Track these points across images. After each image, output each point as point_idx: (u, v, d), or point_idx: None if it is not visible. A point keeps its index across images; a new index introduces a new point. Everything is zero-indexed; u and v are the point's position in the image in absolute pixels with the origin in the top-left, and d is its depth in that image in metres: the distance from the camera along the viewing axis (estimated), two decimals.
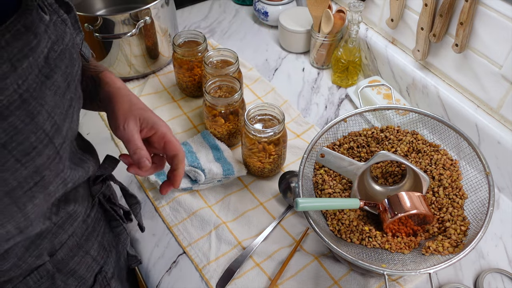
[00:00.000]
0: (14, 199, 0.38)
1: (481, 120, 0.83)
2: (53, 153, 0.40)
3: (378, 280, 0.72)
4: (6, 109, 0.34)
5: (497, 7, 0.74)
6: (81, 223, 0.56)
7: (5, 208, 0.38)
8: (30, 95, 0.36)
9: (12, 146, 0.36)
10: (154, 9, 0.97)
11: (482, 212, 0.66)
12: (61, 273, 0.55)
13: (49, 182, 0.41)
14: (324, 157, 0.70)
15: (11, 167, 0.36)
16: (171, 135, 0.61)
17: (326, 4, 1.03)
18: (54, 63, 0.39)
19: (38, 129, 0.38)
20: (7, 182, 0.37)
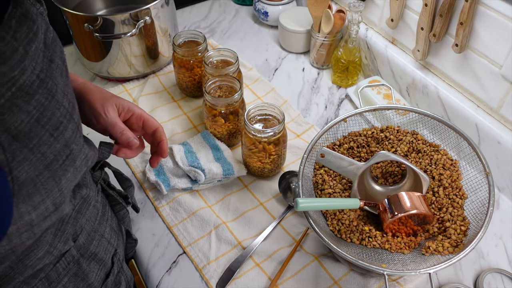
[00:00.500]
0: (52, 172, 0.41)
1: (481, 120, 0.83)
2: (75, 128, 0.44)
3: (378, 280, 0.72)
4: (30, 88, 0.37)
5: (497, 7, 0.74)
6: (93, 208, 0.59)
7: (46, 181, 0.41)
8: (45, 75, 0.39)
9: (44, 121, 0.39)
10: (154, 9, 0.97)
11: (482, 212, 0.66)
12: (84, 257, 0.58)
13: (76, 156, 0.45)
14: (324, 157, 0.70)
15: (47, 141, 0.40)
16: (146, 114, 0.68)
17: (326, 4, 1.03)
18: (52, 48, 0.42)
19: (60, 105, 0.41)
20: (45, 156, 0.40)
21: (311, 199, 0.67)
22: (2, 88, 0.34)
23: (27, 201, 0.39)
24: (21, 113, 0.37)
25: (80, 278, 0.57)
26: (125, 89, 1.05)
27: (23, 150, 0.37)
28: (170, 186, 0.82)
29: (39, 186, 0.40)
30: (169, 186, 0.82)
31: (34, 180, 0.39)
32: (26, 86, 0.37)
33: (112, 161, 0.70)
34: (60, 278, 0.54)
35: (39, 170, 0.39)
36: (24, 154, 0.37)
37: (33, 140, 0.38)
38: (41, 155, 0.39)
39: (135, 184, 0.86)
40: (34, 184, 0.39)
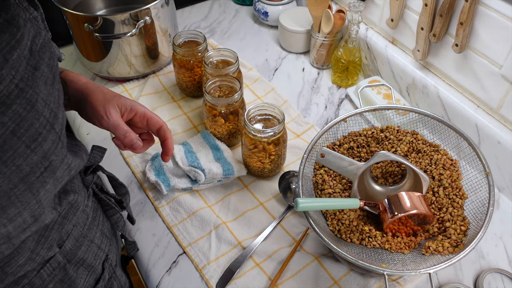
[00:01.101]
0: (28, 184, 0.40)
1: (481, 120, 0.83)
2: (55, 138, 0.43)
3: (378, 280, 0.72)
4: (7, 98, 0.36)
5: (497, 7, 0.74)
6: (81, 213, 0.58)
7: (21, 194, 0.40)
8: (25, 84, 0.38)
9: (20, 133, 0.38)
10: (154, 9, 0.97)
11: (482, 212, 0.66)
12: (71, 263, 0.56)
13: (56, 167, 0.44)
14: (324, 157, 0.70)
15: (22, 153, 0.38)
16: (150, 112, 0.66)
17: (326, 4, 1.03)
18: (39, 55, 0.41)
19: (39, 115, 0.40)
20: (20, 168, 0.39)
21: (311, 199, 0.67)
22: None
23: (1, 214, 0.39)
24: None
25: (66, 284, 0.56)
26: (125, 89, 1.05)
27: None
28: (170, 186, 0.82)
29: (13, 199, 0.39)
30: (169, 186, 0.82)
31: (8, 193, 0.38)
32: (3, 96, 0.36)
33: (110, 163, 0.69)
34: (44, 284, 0.53)
35: (13, 183, 0.38)
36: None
37: (7, 152, 0.37)
38: (16, 168, 0.38)
39: (135, 184, 0.86)
40: (8, 197, 0.38)
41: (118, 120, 0.62)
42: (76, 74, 0.64)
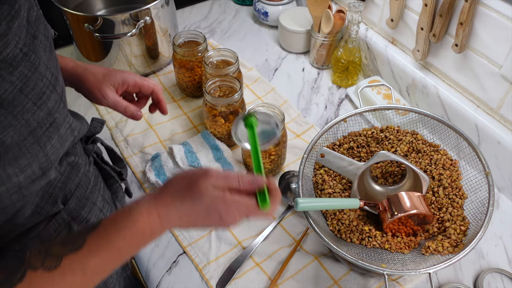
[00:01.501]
0: (36, 138, 0.45)
1: (481, 120, 0.83)
2: (58, 98, 0.47)
3: (378, 280, 0.72)
4: (13, 60, 0.41)
5: (497, 7, 0.74)
6: (84, 176, 0.61)
7: (31, 146, 0.44)
8: (28, 49, 0.43)
9: (27, 91, 0.42)
10: (154, 9, 0.97)
11: (482, 212, 0.66)
12: (76, 221, 0.60)
13: (59, 124, 0.49)
14: (324, 157, 0.70)
15: (30, 109, 0.43)
16: (140, 79, 0.71)
17: (326, 4, 1.03)
18: (35, 25, 0.45)
19: (42, 77, 0.45)
20: (29, 123, 0.43)
21: (311, 199, 0.67)
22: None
23: (14, 163, 0.43)
24: (5, 83, 0.40)
25: None
26: None
27: (7, 116, 0.41)
28: None
29: (24, 150, 0.44)
30: None
31: (19, 145, 0.43)
32: (10, 59, 0.40)
33: None
34: (51, 239, 0.56)
35: (23, 135, 0.43)
36: (9, 120, 0.41)
37: (17, 107, 0.42)
38: (25, 122, 0.43)
39: (135, 184, 0.86)
40: (19, 148, 0.43)
41: (115, 98, 0.68)
42: (61, 59, 0.66)
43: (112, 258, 0.46)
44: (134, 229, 0.47)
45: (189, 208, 0.49)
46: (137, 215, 0.47)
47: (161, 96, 0.74)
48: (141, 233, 0.47)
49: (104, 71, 0.69)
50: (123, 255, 0.47)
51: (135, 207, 0.48)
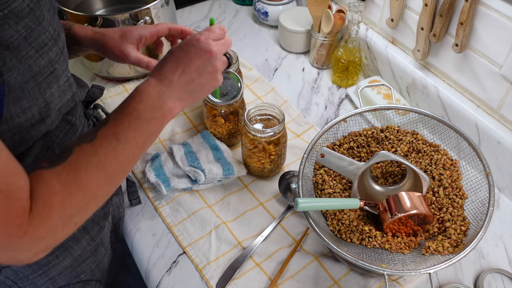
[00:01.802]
0: (37, 83, 0.50)
1: (481, 120, 0.83)
2: (59, 51, 0.52)
3: (378, 280, 0.72)
4: (20, 13, 0.46)
5: (497, 7, 0.74)
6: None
7: (32, 90, 0.49)
8: (34, 5, 0.48)
9: (31, 40, 0.48)
10: (154, 9, 0.97)
11: (482, 212, 0.66)
12: None
13: (59, 75, 0.54)
14: (324, 157, 0.70)
15: (33, 55, 0.48)
16: (154, 29, 0.76)
17: (326, 4, 1.03)
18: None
19: (45, 31, 0.50)
20: (31, 68, 0.48)
21: (311, 199, 0.67)
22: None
23: (16, 104, 0.48)
24: (11, 30, 0.45)
25: None
26: (125, 89, 1.05)
27: (12, 59, 0.46)
28: (170, 186, 0.82)
29: (26, 93, 0.49)
30: (169, 186, 0.82)
31: (22, 86, 0.48)
32: (17, 11, 0.45)
33: None
34: None
35: (26, 78, 0.48)
36: (14, 62, 0.46)
37: (21, 52, 0.47)
38: (28, 66, 0.48)
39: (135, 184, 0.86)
40: (22, 89, 0.48)
41: (136, 56, 0.73)
42: (80, 29, 0.74)
43: (134, 123, 0.54)
44: (141, 94, 0.56)
45: (182, 57, 0.59)
46: (139, 87, 0.57)
47: (178, 26, 0.77)
48: (149, 96, 0.56)
49: (120, 32, 0.74)
50: (141, 120, 0.54)
51: (136, 88, 0.57)
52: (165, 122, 0.58)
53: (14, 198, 0.43)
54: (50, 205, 0.46)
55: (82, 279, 0.71)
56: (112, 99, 1.02)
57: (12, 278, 0.63)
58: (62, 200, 0.47)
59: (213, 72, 0.60)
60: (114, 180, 0.53)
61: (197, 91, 0.61)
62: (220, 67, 0.61)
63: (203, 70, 0.59)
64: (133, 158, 0.55)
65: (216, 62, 0.60)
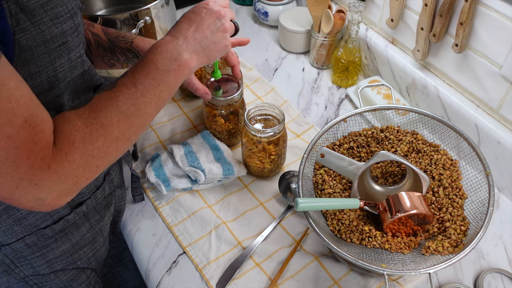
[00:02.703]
0: (48, 49, 0.50)
1: (481, 120, 0.83)
2: (73, 26, 0.53)
3: (378, 280, 0.72)
4: None
5: (497, 7, 0.74)
6: None
7: (42, 55, 0.50)
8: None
9: (47, 8, 0.48)
10: (154, 9, 0.97)
11: (482, 212, 0.66)
12: None
13: (71, 48, 0.54)
14: (324, 157, 0.70)
15: (46, 22, 0.49)
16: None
17: (326, 4, 1.03)
18: None
19: (63, 4, 0.51)
20: (44, 33, 0.49)
21: (311, 199, 0.67)
22: None
23: (25, 66, 0.48)
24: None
25: None
26: None
27: (26, 21, 0.46)
28: (170, 186, 0.82)
29: (35, 57, 0.49)
30: (169, 186, 0.82)
31: (32, 50, 0.48)
32: None
33: None
34: None
35: (37, 43, 0.48)
36: (26, 24, 0.46)
37: (35, 17, 0.47)
38: (40, 31, 0.48)
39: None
40: (32, 53, 0.48)
41: (196, 85, 0.74)
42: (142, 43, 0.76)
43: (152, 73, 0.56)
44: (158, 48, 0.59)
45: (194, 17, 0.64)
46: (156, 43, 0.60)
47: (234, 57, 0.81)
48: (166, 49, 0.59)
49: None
50: (158, 71, 0.57)
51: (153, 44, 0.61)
52: (182, 75, 0.61)
53: (38, 129, 0.44)
54: (73, 140, 0.47)
55: (78, 266, 0.72)
56: None
57: (10, 257, 0.64)
58: (83, 137, 0.48)
59: (224, 31, 0.66)
60: (134, 126, 0.54)
61: (211, 48, 0.65)
62: (229, 29, 0.67)
63: (214, 28, 0.65)
64: (151, 107, 0.56)
65: (225, 23, 0.67)
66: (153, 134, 0.95)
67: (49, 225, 0.64)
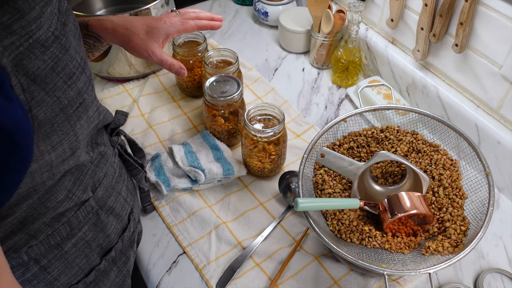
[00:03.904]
0: (67, 116, 0.47)
1: (481, 120, 0.83)
2: (86, 80, 0.50)
3: (378, 280, 0.72)
4: (45, 41, 0.43)
5: (497, 7, 0.74)
6: (110, 166, 0.64)
7: (62, 123, 0.47)
8: (59, 33, 0.46)
9: (58, 70, 0.45)
10: (154, 9, 0.97)
11: (482, 212, 0.66)
12: (103, 210, 0.62)
13: (88, 105, 0.51)
14: (324, 157, 0.70)
15: (61, 87, 0.45)
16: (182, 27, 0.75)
17: (326, 4, 1.03)
18: (66, 14, 0.48)
19: (72, 59, 0.47)
20: (60, 100, 0.45)
21: (311, 199, 0.67)
22: (21, 38, 0.40)
23: (46, 140, 0.45)
24: (38, 61, 0.42)
25: (99, 228, 0.62)
26: (125, 89, 1.05)
27: (40, 92, 0.43)
28: (170, 186, 0.82)
29: (56, 127, 0.46)
30: (169, 186, 0.82)
31: (51, 121, 0.45)
32: (42, 40, 0.43)
33: None
34: (80, 225, 0.59)
35: (55, 112, 0.45)
36: (41, 96, 0.43)
37: (49, 84, 0.44)
38: (57, 99, 0.45)
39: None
40: (51, 124, 0.45)
41: (161, 56, 0.71)
42: (98, 23, 0.70)
43: None
44: None
45: None
46: None
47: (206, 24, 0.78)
48: None
49: (146, 28, 0.71)
50: None
51: None
52: None
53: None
54: None
55: None
56: (112, 99, 1.02)
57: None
58: None
59: None
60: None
61: None
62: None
63: None
64: None
65: None
66: (153, 134, 0.95)
67: (81, 279, 0.62)
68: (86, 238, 0.60)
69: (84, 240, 0.60)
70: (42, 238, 0.55)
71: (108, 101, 1.02)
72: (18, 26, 0.40)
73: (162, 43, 0.72)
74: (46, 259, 0.56)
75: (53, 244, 0.56)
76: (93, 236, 0.61)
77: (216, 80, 0.86)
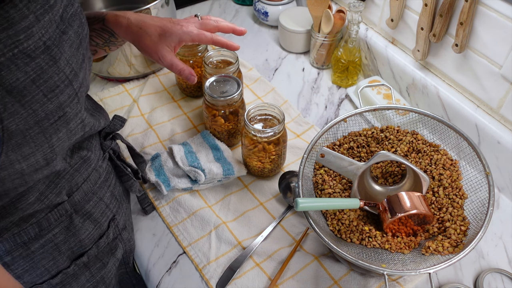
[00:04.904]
0: (42, 128, 0.46)
1: (481, 120, 0.83)
2: (72, 93, 0.48)
3: (378, 280, 0.72)
4: (33, 52, 0.42)
5: (497, 7, 0.74)
6: (94, 171, 0.63)
7: (36, 136, 0.45)
8: (52, 43, 0.44)
9: (39, 82, 0.43)
10: (154, 9, 0.97)
11: (482, 212, 0.66)
12: (78, 214, 0.61)
13: (70, 118, 0.49)
14: (324, 157, 0.70)
15: (39, 100, 0.44)
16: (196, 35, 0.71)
17: (326, 4, 1.03)
18: (68, 22, 0.47)
19: (59, 71, 0.45)
20: (36, 113, 0.44)
21: (311, 199, 0.67)
22: (4, 48, 0.39)
23: (16, 150, 0.44)
24: (19, 72, 0.41)
25: (71, 232, 0.61)
26: (125, 89, 1.05)
27: (14, 104, 0.41)
28: (170, 186, 0.82)
29: (28, 139, 0.45)
30: (169, 186, 0.82)
31: (23, 133, 0.44)
32: (29, 50, 0.42)
33: None
34: (51, 227, 0.58)
35: (29, 125, 0.44)
36: (15, 108, 0.42)
37: (26, 97, 0.42)
38: (32, 112, 0.44)
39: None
40: (23, 136, 0.44)
41: (171, 60, 0.69)
42: (114, 18, 0.69)
43: None
44: None
45: None
46: None
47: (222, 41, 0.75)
48: None
49: (160, 31, 0.69)
50: None
51: None
52: None
53: None
54: None
55: None
56: (112, 99, 1.02)
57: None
58: None
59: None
60: None
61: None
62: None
63: None
64: None
65: None
66: (153, 134, 0.95)
67: (47, 280, 0.62)
68: (56, 240, 0.59)
69: (53, 242, 0.59)
70: (7, 236, 0.54)
71: (108, 101, 1.02)
72: (4, 36, 0.39)
73: (174, 48, 0.70)
74: (10, 256, 0.56)
75: (19, 243, 0.56)
76: (63, 239, 0.60)
77: (216, 80, 0.86)
